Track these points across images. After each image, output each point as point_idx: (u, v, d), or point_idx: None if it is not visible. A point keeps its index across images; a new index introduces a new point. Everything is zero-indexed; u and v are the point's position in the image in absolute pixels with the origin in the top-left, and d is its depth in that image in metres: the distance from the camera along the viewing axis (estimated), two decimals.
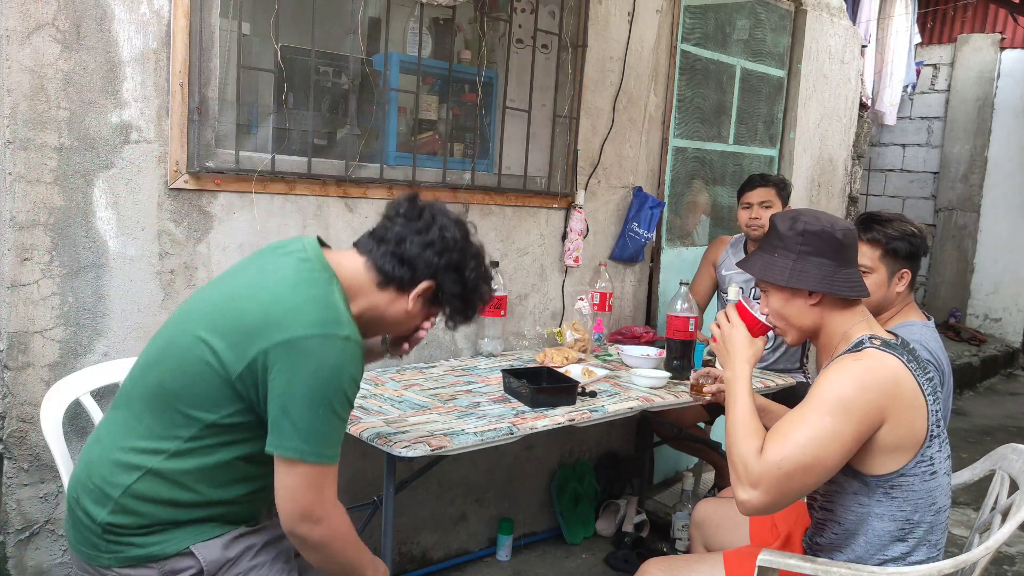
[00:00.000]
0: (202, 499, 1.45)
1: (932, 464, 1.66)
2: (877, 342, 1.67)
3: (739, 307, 1.83)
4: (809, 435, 1.56)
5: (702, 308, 3.33)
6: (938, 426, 1.68)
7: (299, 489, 1.38)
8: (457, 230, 1.55)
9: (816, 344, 1.83)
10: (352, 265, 1.52)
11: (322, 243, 1.56)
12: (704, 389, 2.18)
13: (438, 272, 1.53)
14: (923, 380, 1.65)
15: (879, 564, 1.67)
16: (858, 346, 1.68)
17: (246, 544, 1.50)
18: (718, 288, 3.36)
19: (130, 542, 1.44)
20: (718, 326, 1.84)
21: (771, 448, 1.58)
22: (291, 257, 1.49)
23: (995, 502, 1.94)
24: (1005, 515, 1.82)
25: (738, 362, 1.77)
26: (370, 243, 1.54)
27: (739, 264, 1.87)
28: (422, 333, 1.68)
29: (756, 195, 3.13)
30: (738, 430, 1.66)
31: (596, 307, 3.18)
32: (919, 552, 1.68)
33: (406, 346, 1.74)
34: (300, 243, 1.52)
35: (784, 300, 1.75)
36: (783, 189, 3.17)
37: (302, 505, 1.39)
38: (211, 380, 1.40)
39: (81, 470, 1.50)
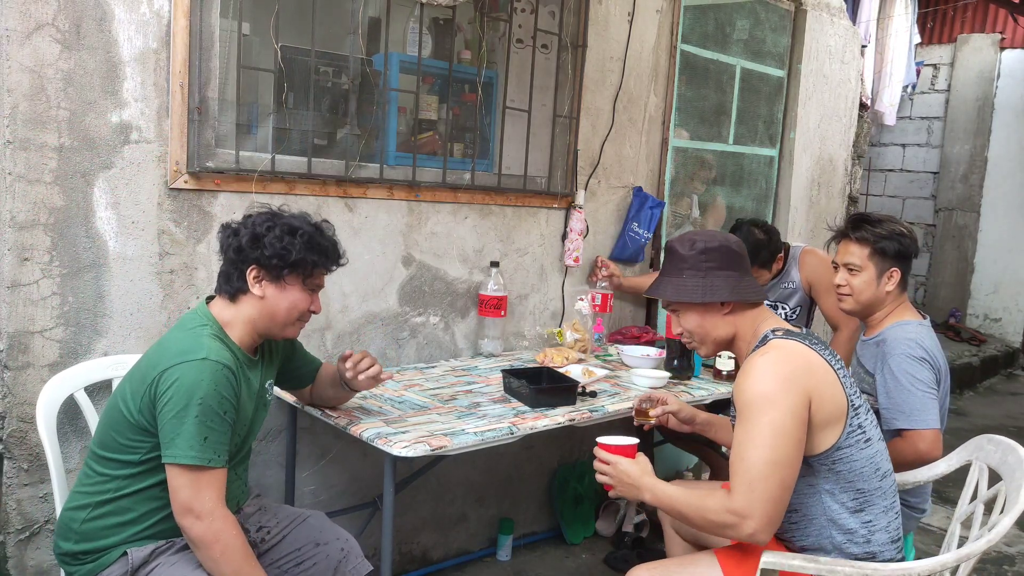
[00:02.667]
0: (139, 514, 1.74)
1: (864, 432, 1.75)
2: (780, 333, 1.77)
3: (602, 448, 1.86)
4: (757, 444, 1.62)
5: None
6: (857, 395, 1.77)
7: (179, 487, 1.64)
8: (243, 221, 1.82)
9: (734, 351, 1.92)
10: (217, 304, 1.84)
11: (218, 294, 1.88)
12: (650, 413, 2.20)
13: (247, 257, 1.78)
14: (828, 356, 1.75)
15: (844, 538, 1.74)
16: (763, 341, 1.77)
17: (166, 547, 1.76)
18: None
19: (91, 559, 1.74)
20: (604, 475, 1.85)
21: (734, 480, 1.64)
22: (182, 320, 1.84)
23: (975, 492, 1.97)
24: (988, 505, 1.88)
25: (643, 483, 1.78)
26: (217, 281, 1.86)
27: (648, 292, 1.95)
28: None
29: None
30: (693, 505, 1.70)
31: (598, 308, 3.18)
32: (881, 518, 1.76)
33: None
34: (195, 308, 1.86)
35: (700, 316, 1.86)
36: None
37: (182, 500, 1.64)
38: (125, 427, 1.72)
39: (58, 519, 1.81)
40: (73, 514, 1.75)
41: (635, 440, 1.87)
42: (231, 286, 1.81)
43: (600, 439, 1.88)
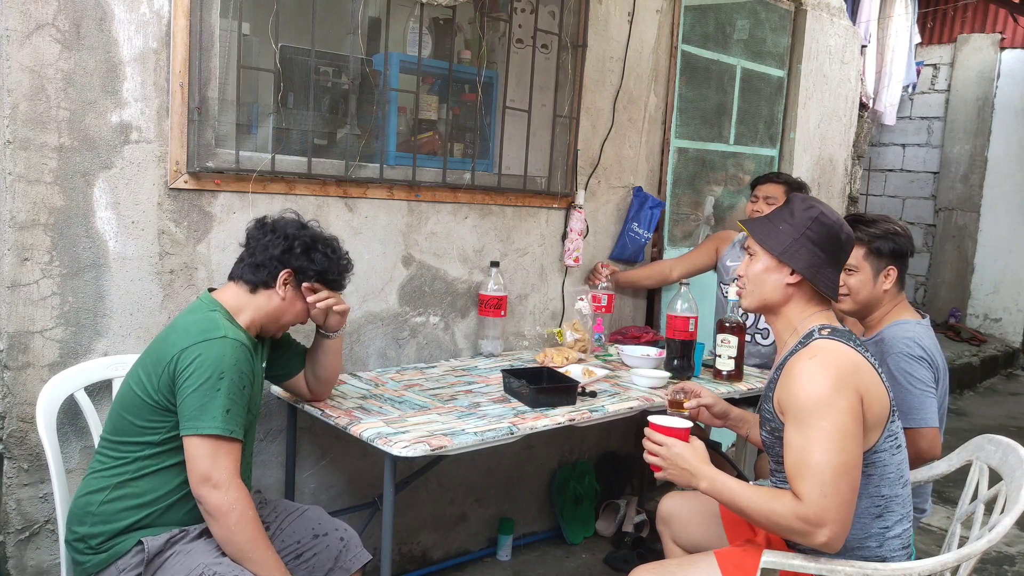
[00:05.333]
0: (156, 496, 1.76)
1: (896, 438, 1.74)
2: (826, 332, 1.74)
3: (655, 428, 1.80)
4: (823, 448, 1.59)
5: (680, 277, 3.32)
6: (892, 400, 1.75)
7: (196, 457, 1.69)
8: (295, 227, 1.92)
9: (771, 324, 1.90)
10: (228, 291, 1.91)
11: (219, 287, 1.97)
12: (685, 405, 2.14)
13: (288, 261, 1.88)
14: (871, 359, 1.73)
15: (858, 543, 1.72)
16: (807, 338, 1.75)
17: (181, 535, 1.78)
18: (718, 280, 3.33)
19: (105, 548, 1.75)
20: (653, 455, 1.80)
21: (803, 486, 1.60)
22: (191, 307, 1.90)
23: (975, 492, 1.98)
24: (988, 505, 1.88)
25: (700, 470, 1.74)
26: (235, 269, 1.93)
27: (742, 222, 1.93)
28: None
29: (764, 189, 3.16)
30: (757, 505, 1.66)
31: (604, 309, 3.17)
32: (897, 526, 1.75)
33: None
34: (200, 297, 1.91)
35: (766, 268, 1.83)
36: (793, 191, 3.13)
37: (200, 470, 1.68)
38: (142, 410, 1.75)
39: (71, 506, 1.83)
40: (90, 498, 1.77)
41: (689, 424, 1.82)
42: (257, 278, 1.88)
43: (652, 418, 1.83)
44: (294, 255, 1.89)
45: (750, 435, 2.18)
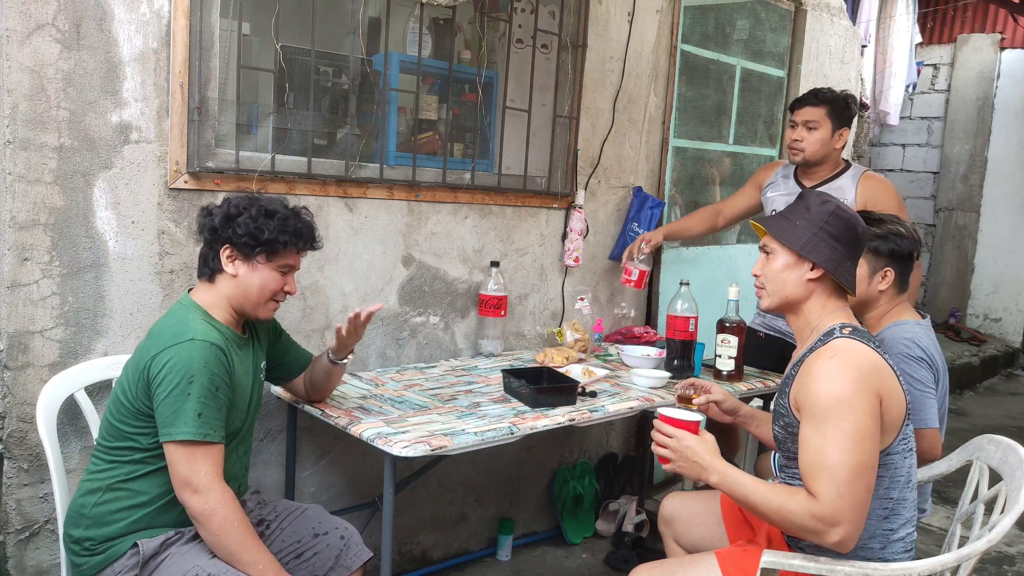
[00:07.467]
0: (149, 497, 1.77)
1: (908, 441, 1.74)
2: (847, 331, 1.73)
3: (664, 420, 1.79)
4: (841, 448, 1.58)
5: (728, 222, 3.24)
6: (909, 404, 1.75)
7: (176, 463, 1.69)
8: (225, 204, 1.86)
9: (791, 323, 1.88)
10: (199, 289, 1.90)
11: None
12: (694, 401, 2.14)
13: (220, 237, 1.83)
14: (890, 361, 1.73)
15: (861, 543, 1.70)
16: (828, 335, 1.74)
17: (176, 537, 1.78)
18: (759, 212, 3.15)
19: (101, 550, 1.76)
20: (662, 446, 1.77)
21: (819, 486, 1.59)
22: (169, 310, 1.88)
23: (975, 492, 1.98)
24: (989, 505, 1.88)
25: (711, 463, 1.72)
26: (197, 266, 1.91)
27: (758, 220, 1.92)
28: (289, 287, 1.93)
29: (801, 114, 2.84)
30: (769, 501, 1.65)
31: (634, 284, 3.19)
32: (902, 529, 1.74)
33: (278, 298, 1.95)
34: (179, 299, 1.89)
35: (787, 265, 1.82)
36: (838, 110, 2.81)
37: (180, 475, 1.69)
38: (127, 415, 1.76)
39: (68, 509, 1.85)
40: (84, 499, 1.78)
41: (700, 416, 1.80)
42: (208, 267, 1.87)
43: (662, 410, 1.81)
44: (220, 229, 1.83)
45: (758, 433, 2.18)
